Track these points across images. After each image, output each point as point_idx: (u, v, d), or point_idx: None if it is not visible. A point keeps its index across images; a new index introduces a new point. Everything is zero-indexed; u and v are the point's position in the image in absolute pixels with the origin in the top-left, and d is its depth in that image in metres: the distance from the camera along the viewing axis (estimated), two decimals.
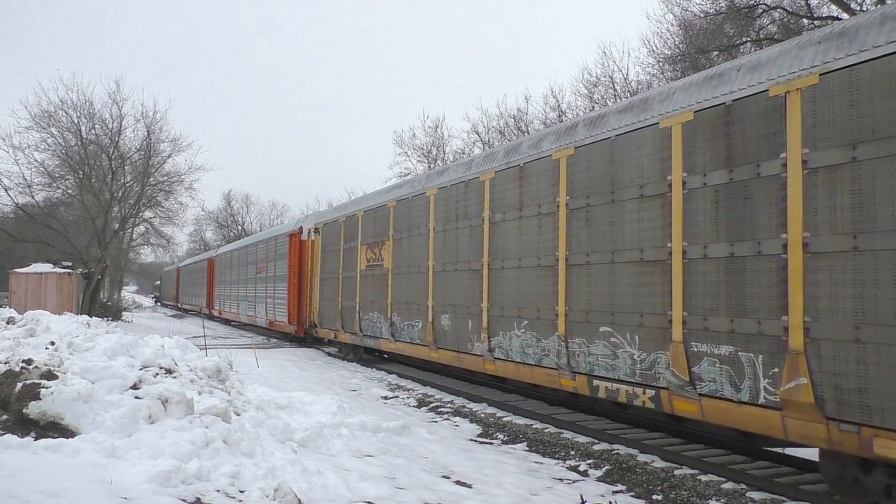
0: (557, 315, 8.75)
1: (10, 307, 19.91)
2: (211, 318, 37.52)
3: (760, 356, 6.05)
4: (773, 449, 7.61)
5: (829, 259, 5.49)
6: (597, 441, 8.48)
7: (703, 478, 6.81)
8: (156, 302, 75.11)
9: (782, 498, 6.14)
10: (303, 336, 21.76)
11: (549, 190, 9.11)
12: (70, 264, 29.18)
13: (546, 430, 9.19)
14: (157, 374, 7.66)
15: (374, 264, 15.12)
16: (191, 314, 43.52)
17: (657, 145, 7.35)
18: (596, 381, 8.09)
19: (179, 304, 53.21)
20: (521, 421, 9.85)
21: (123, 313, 37.44)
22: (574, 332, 8.46)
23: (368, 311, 15.40)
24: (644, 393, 7.40)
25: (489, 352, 10.34)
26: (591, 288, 8.21)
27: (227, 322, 35.38)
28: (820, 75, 5.66)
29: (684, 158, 6.97)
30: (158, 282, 76.51)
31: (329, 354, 19.71)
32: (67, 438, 5.87)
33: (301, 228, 21.54)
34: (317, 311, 19.46)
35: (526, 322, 9.48)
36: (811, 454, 6.86)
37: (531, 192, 9.52)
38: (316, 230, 19.83)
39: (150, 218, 37.94)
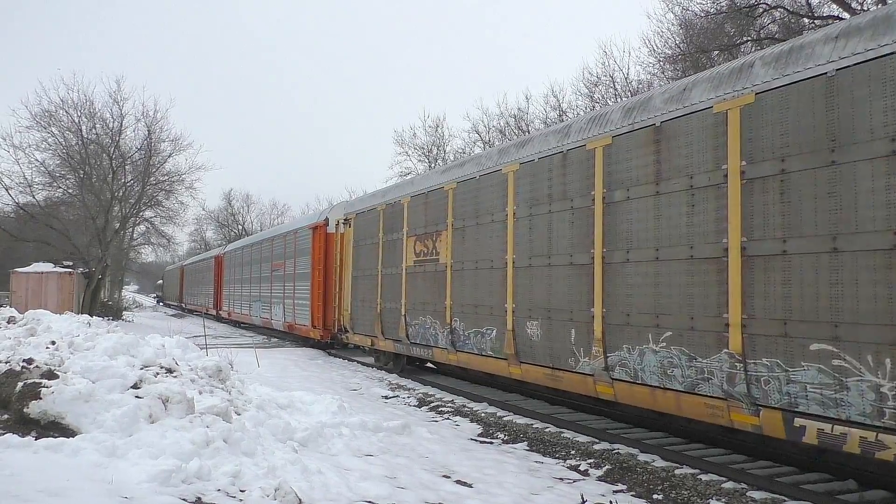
0: (728, 325, 6.49)
1: (10, 307, 19.93)
2: (218, 319, 35.95)
3: None
4: None
5: None
6: (597, 440, 8.48)
7: (704, 477, 6.81)
8: (158, 302, 73.37)
9: (783, 497, 6.13)
10: (329, 342, 19.39)
11: (709, 154, 6.84)
12: (71, 264, 29.21)
13: (547, 430, 9.19)
14: (157, 374, 7.66)
15: (426, 259, 12.76)
16: (195, 315, 41.33)
17: None
18: (800, 421, 5.83)
19: (183, 305, 50.96)
20: (521, 420, 9.85)
21: (124, 313, 37.51)
22: (759, 350, 6.20)
23: (418, 316, 12.94)
24: None
25: (605, 371, 8.06)
26: (790, 288, 5.95)
27: (236, 324, 33.19)
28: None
29: None
30: (161, 281, 74.66)
31: (364, 365, 16.92)
32: (68, 438, 5.87)
33: (327, 220, 19.07)
34: (348, 313, 16.67)
35: (669, 334, 7.21)
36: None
37: (675, 159, 7.27)
38: (346, 221, 17.12)
39: (151, 217, 38.01)
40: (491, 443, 8.91)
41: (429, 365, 15.79)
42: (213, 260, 38.35)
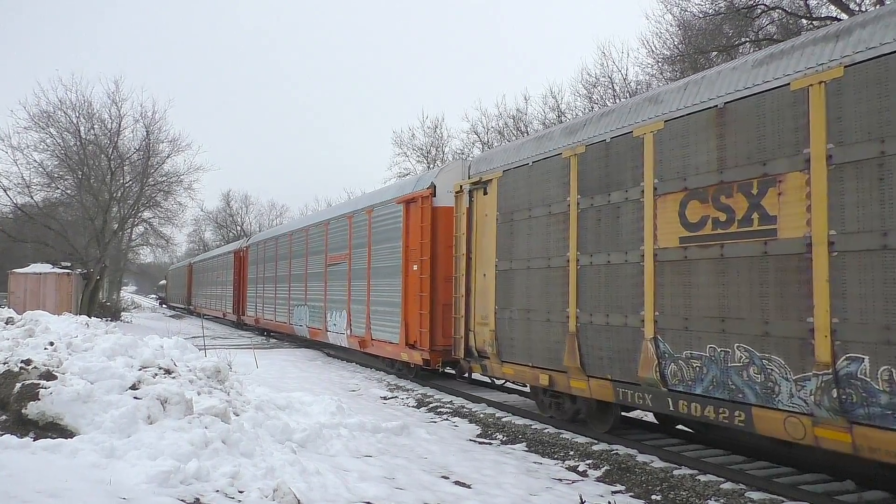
0: None
1: (8, 307, 19.88)
2: (240, 325, 30.48)
3: None
4: None
5: None
6: (596, 441, 8.48)
7: (703, 478, 6.81)
8: (161, 304, 68.14)
9: (781, 498, 6.14)
10: (439, 369, 13.23)
11: None
12: (69, 264, 29.17)
13: (545, 431, 9.19)
14: (156, 375, 7.66)
15: (731, 231, 6.52)
16: (207, 319, 35.47)
17: None
18: None
19: (193, 308, 43.88)
20: (520, 421, 9.85)
21: (122, 313, 37.46)
22: None
23: (696, 342, 6.82)
24: None
25: None
26: None
27: (265, 333, 27.03)
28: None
29: None
30: (164, 281, 68.31)
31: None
32: (66, 439, 5.87)
33: (433, 187, 12.79)
34: (488, 330, 10.28)
35: None
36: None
37: None
38: (479, 185, 10.76)
39: (150, 218, 38.03)
40: (490, 443, 8.91)
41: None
42: (231, 256, 32.20)
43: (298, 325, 20.77)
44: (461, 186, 11.30)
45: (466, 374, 12.89)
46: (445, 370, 13.44)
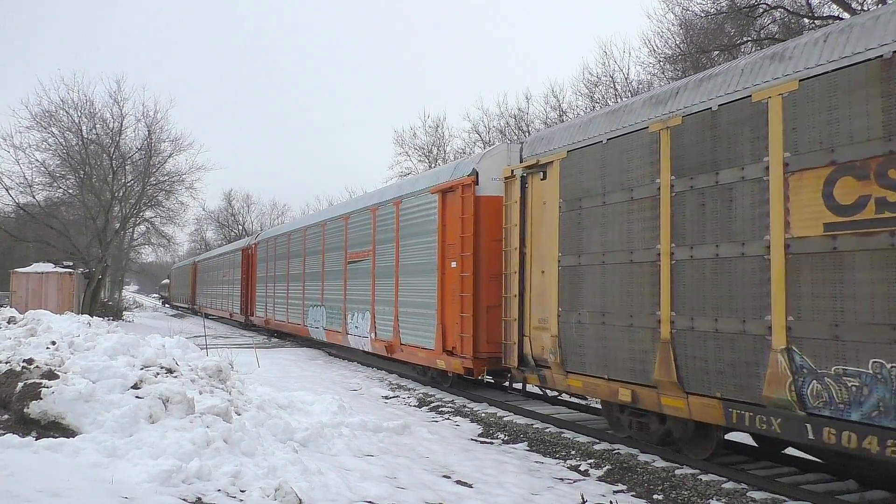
0: None
1: (11, 307, 19.92)
2: (247, 326, 29.57)
3: None
4: None
5: None
6: (597, 441, 8.48)
7: (704, 477, 6.81)
8: (164, 303, 67.29)
9: (783, 498, 6.13)
10: (484, 378, 11.99)
11: None
12: (71, 264, 29.21)
13: (547, 430, 9.19)
14: (157, 374, 7.67)
15: None
16: (212, 319, 35.69)
17: None
18: None
19: (198, 308, 41.77)
20: (521, 421, 9.84)
21: (124, 313, 37.49)
22: None
23: (857, 355, 5.46)
24: None
25: None
26: None
27: (277, 334, 25.59)
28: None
29: None
30: (167, 280, 66.94)
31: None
32: (68, 438, 5.88)
33: (476, 174, 11.17)
34: (550, 336, 8.84)
35: None
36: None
37: None
38: (534, 169, 9.34)
39: (151, 217, 38.01)
40: (491, 443, 8.91)
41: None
42: (239, 253, 30.73)
43: (314, 328, 19.35)
44: (512, 171, 9.81)
45: (520, 386, 11.19)
46: (487, 380, 12.14)
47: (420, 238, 12.88)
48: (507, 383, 11.91)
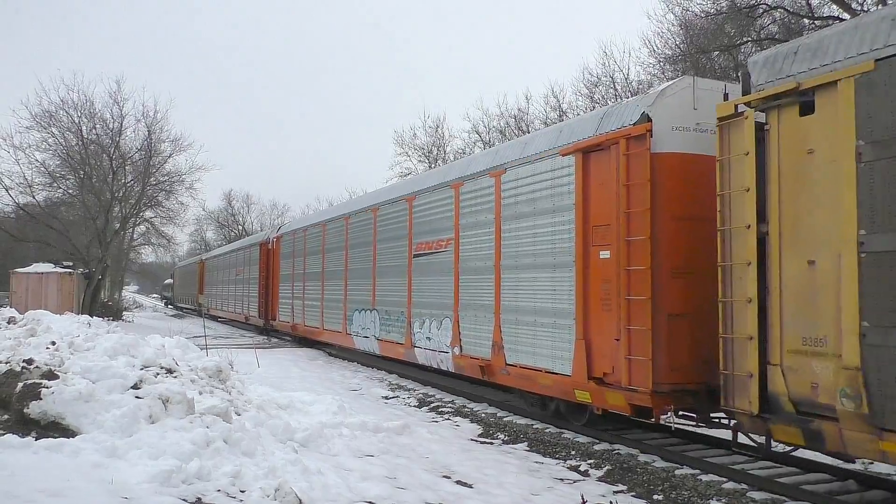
0: None
1: (10, 307, 19.94)
2: (268, 331, 25.79)
3: None
4: None
5: None
6: (597, 441, 8.47)
7: (704, 478, 6.81)
8: (167, 304, 64.69)
9: (783, 498, 6.14)
10: (660, 420, 7.58)
11: None
12: (71, 264, 29.23)
13: (547, 430, 9.19)
14: (157, 374, 7.66)
15: None
16: (220, 321, 33.39)
17: None
18: None
19: (206, 309, 38.17)
20: (521, 421, 9.84)
21: (124, 313, 37.46)
22: None
23: None
24: None
25: None
26: None
27: (302, 341, 22.07)
28: None
29: None
30: (170, 280, 64.46)
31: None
32: (68, 438, 5.87)
33: (650, 120, 7.62)
34: (843, 366, 5.34)
35: None
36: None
37: None
38: (791, 98, 5.94)
39: (151, 218, 37.99)
40: (491, 443, 8.91)
41: None
42: (257, 248, 26.96)
43: (361, 336, 15.63)
44: (735, 108, 6.45)
45: (764, 441, 6.42)
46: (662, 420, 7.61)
47: (538, 219, 9.36)
48: (723, 434, 7.73)
